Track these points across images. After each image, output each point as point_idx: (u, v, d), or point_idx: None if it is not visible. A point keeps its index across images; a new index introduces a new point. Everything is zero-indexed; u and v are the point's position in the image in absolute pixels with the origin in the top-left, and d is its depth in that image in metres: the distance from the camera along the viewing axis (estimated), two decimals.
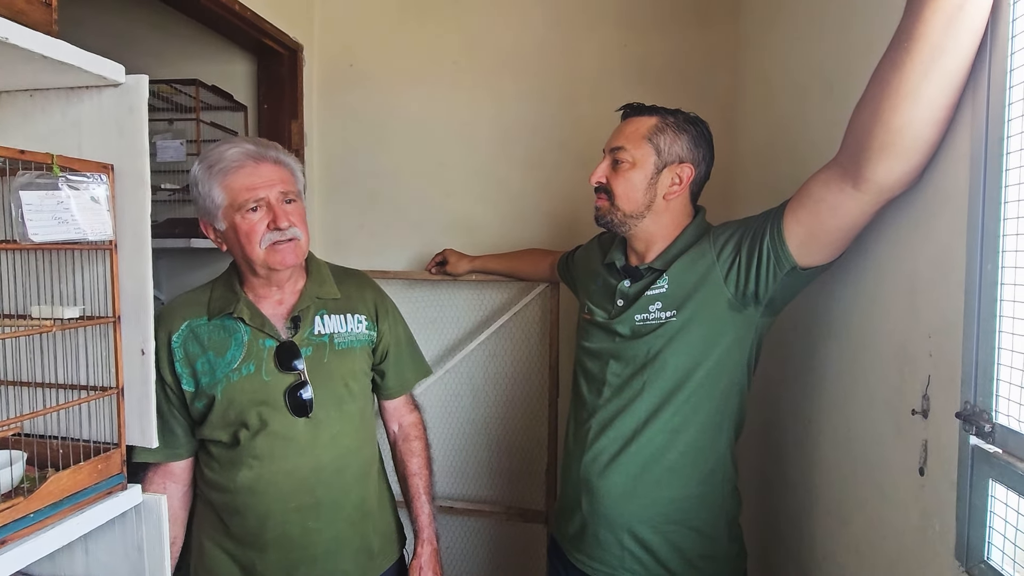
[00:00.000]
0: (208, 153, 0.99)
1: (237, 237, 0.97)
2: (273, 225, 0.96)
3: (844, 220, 0.79)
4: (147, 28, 1.82)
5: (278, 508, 0.99)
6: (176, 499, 1.04)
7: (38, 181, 0.70)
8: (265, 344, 1.01)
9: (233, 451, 0.99)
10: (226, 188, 0.96)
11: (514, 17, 1.71)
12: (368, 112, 1.81)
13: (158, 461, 1.01)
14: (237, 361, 0.99)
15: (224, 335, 1.00)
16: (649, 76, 1.64)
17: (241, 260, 1.01)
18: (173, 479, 1.04)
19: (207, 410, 0.99)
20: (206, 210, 0.99)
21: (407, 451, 1.20)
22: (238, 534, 1.01)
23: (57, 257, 0.82)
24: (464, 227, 1.77)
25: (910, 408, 0.72)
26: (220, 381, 0.98)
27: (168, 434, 1.01)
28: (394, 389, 1.17)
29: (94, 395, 0.81)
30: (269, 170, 0.98)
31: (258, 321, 1.01)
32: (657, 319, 0.97)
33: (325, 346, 1.04)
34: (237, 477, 0.98)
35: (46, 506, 0.71)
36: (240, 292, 1.03)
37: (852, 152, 0.73)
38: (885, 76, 0.66)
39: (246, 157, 0.97)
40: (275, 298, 1.05)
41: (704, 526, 0.98)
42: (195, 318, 1.02)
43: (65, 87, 0.82)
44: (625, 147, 0.99)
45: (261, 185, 0.96)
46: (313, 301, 1.06)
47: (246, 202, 0.95)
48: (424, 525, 1.16)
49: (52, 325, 0.74)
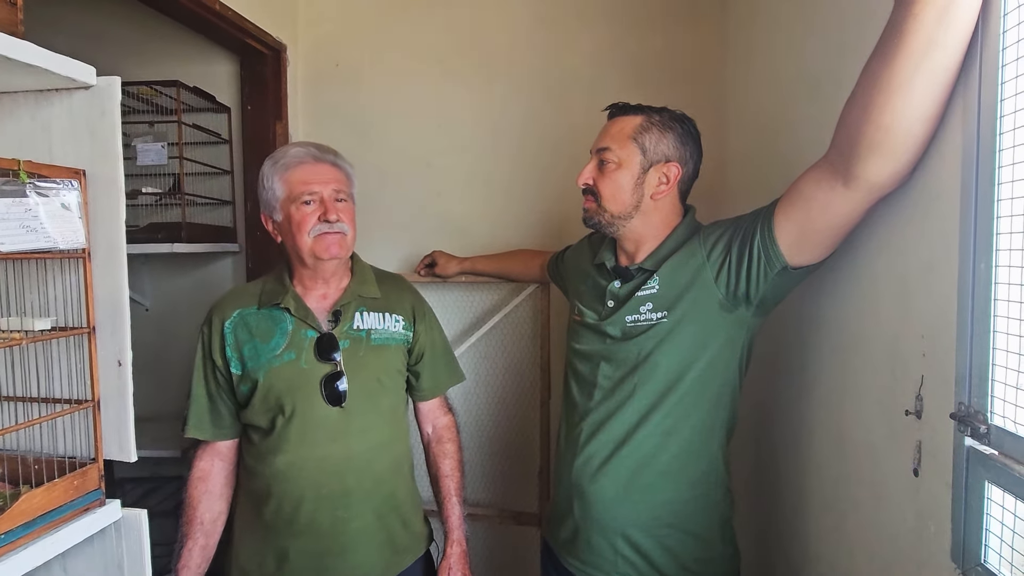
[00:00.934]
0: (276, 152, 1.09)
1: (290, 226, 1.05)
2: (323, 217, 1.03)
3: (835, 218, 0.78)
4: (126, 28, 1.78)
5: (310, 494, 1.02)
6: (222, 476, 1.11)
7: (4, 188, 0.67)
8: (307, 334, 1.06)
9: (270, 437, 1.04)
10: (286, 181, 1.05)
11: (502, 15, 1.69)
12: (355, 112, 1.78)
13: (207, 439, 1.09)
14: (280, 348, 1.05)
15: (271, 324, 1.07)
16: (639, 73, 1.62)
17: (292, 250, 1.08)
18: (220, 457, 1.11)
19: (250, 394, 1.05)
20: (267, 202, 1.07)
21: (440, 453, 1.23)
22: (272, 520, 1.04)
23: (26, 267, 0.79)
24: (454, 228, 1.75)
25: (903, 409, 0.71)
26: (263, 366, 1.04)
27: (216, 415, 1.08)
28: (428, 391, 1.21)
29: (69, 408, 0.78)
30: (326, 169, 1.07)
31: (302, 312, 1.07)
32: (648, 320, 0.96)
33: (362, 340, 1.09)
34: (273, 462, 1.03)
35: (18, 526, 0.69)
36: (289, 285, 1.09)
37: (842, 149, 0.72)
38: (875, 71, 0.65)
39: (307, 155, 1.07)
40: (320, 292, 1.11)
41: (697, 529, 0.97)
42: (246, 307, 1.09)
43: (34, 90, 0.79)
44: (611, 147, 0.98)
45: (317, 181, 1.05)
46: (355, 298, 1.11)
47: (301, 194, 1.03)
48: (454, 526, 1.19)
49: (22, 338, 0.71)
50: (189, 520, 1.07)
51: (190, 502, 1.07)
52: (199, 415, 1.07)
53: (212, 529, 1.08)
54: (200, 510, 1.07)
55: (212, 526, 1.08)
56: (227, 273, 1.83)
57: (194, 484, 1.08)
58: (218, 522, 1.09)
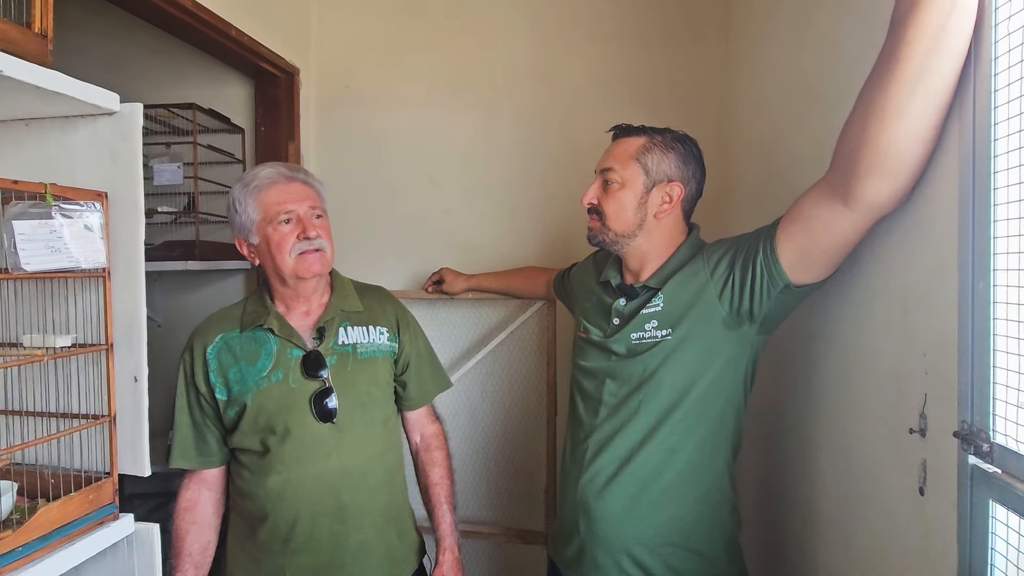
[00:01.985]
0: (245, 175, 1.09)
1: (269, 248, 1.04)
2: (302, 235, 1.04)
3: (836, 238, 0.79)
4: (145, 53, 1.84)
5: (306, 512, 1.02)
6: (210, 505, 1.09)
7: (31, 211, 0.70)
8: (292, 353, 1.06)
9: (263, 458, 1.03)
10: (260, 203, 1.04)
11: (507, 38, 1.73)
12: (364, 132, 1.83)
13: (193, 468, 1.07)
14: (267, 369, 1.04)
15: (255, 346, 1.06)
16: (641, 94, 1.66)
17: (272, 271, 1.07)
18: (207, 486, 1.09)
19: (238, 418, 1.04)
20: (241, 225, 1.06)
21: (429, 461, 1.22)
22: (267, 541, 1.03)
23: (50, 286, 0.82)
24: (460, 246, 1.78)
25: (907, 427, 0.72)
26: (251, 388, 1.03)
27: (201, 443, 1.07)
28: (415, 400, 1.21)
29: (86, 424, 0.80)
30: (299, 188, 1.07)
31: (286, 332, 1.07)
32: (653, 337, 0.97)
33: (348, 355, 1.09)
34: (267, 483, 1.02)
35: (35, 539, 0.70)
36: (271, 306, 1.09)
37: (841, 171, 0.73)
38: (871, 96, 0.66)
39: (278, 175, 1.07)
40: (302, 310, 1.10)
41: (703, 547, 0.97)
42: (228, 331, 1.08)
43: (60, 116, 0.83)
44: (614, 168, 1.00)
45: (292, 200, 1.05)
46: (337, 313, 1.11)
47: (278, 215, 1.04)
48: (446, 534, 1.18)
49: (43, 354, 0.73)
50: (178, 553, 1.05)
51: (177, 534, 1.05)
52: (184, 444, 1.05)
53: (202, 560, 1.07)
54: (188, 541, 1.05)
55: (201, 557, 1.07)
56: (237, 289, 1.86)
57: (180, 515, 1.06)
58: (207, 552, 1.08)
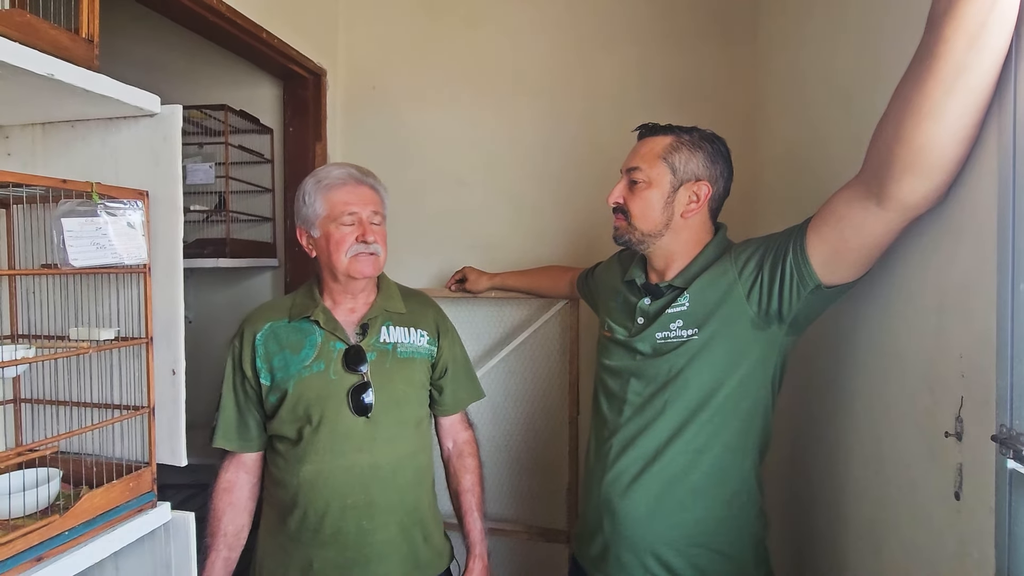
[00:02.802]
0: (317, 171, 1.13)
1: (328, 245, 1.09)
2: (361, 238, 1.08)
3: (868, 238, 0.78)
4: (181, 56, 1.90)
5: (336, 504, 1.04)
6: (247, 488, 1.13)
7: (78, 209, 0.73)
8: (335, 346, 1.09)
9: (298, 447, 1.06)
10: (328, 201, 1.09)
11: (532, 38, 1.74)
12: (390, 133, 1.85)
13: (233, 450, 1.11)
14: (309, 359, 1.07)
15: (300, 336, 1.10)
16: (668, 94, 1.65)
17: (326, 266, 1.12)
18: (245, 469, 1.13)
19: (279, 404, 1.07)
20: (306, 218, 1.11)
21: (461, 467, 1.24)
22: (297, 531, 1.06)
23: (94, 281, 0.85)
24: (484, 245, 1.79)
25: (943, 430, 0.70)
26: (293, 376, 1.06)
27: (243, 426, 1.11)
28: (450, 406, 1.23)
29: (127, 414, 0.83)
30: (366, 192, 1.12)
31: (331, 325, 1.10)
32: (678, 337, 0.97)
33: (388, 353, 1.12)
34: (300, 471, 1.05)
35: (80, 523, 0.73)
36: (319, 299, 1.13)
37: (875, 170, 0.72)
38: (907, 94, 0.65)
39: (350, 177, 1.12)
40: (348, 306, 1.14)
41: (729, 549, 0.96)
42: (277, 319, 1.12)
43: (104, 117, 0.86)
44: (640, 167, 1.00)
45: (358, 203, 1.10)
46: (381, 312, 1.15)
47: (342, 214, 1.08)
48: (476, 541, 1.20)
49: (89, 347, 0.76)
50: (213, 532, 1.08)
51: (215, 513, 1.09)
52: (227, 425, 1.10)
53: (235, 542, 1.10)
54: (224, 522, 1.09)
55: (235, 539, 1.10)
56: (266, 287, 1.90)
57: (219, 495, 1.10)
58: (241, 535, 1.11)
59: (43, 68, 0.67)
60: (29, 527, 0.67)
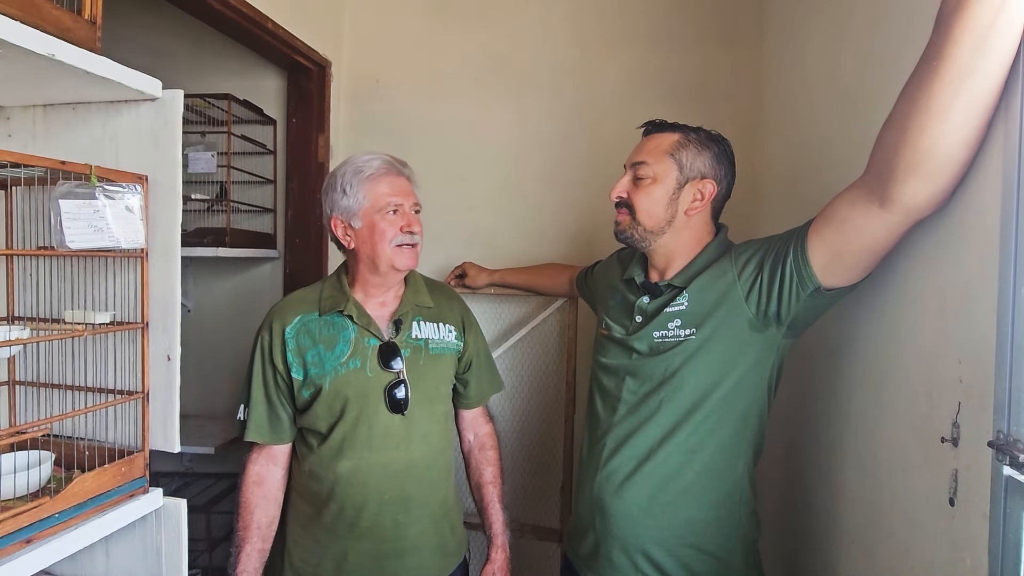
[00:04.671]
0: (354, 160, 1.11)
1: (372, 235, 1.07)
2: (407, 228, 1.08)
3: (870, 241, 0.77)
4: (184, 45, 1.89)
5: (373, 499, 1.05)
6: (277, 480, 1.12)
7: (76, 191, 0.73)
8: (370, 343, 1.08)
9: (334, 442, 1.05)
10: (371, 191, 1.07)
11: (537, 34, 1.74)
12: (392, 126, 1.85)
13: (265, 443, 1.09)
14: (345, 356, 1.06)
15: (333, 331, 1.08)
16: (671, 94, 1.64)
17: (366, 257, 1.09)
18: (275, 461, 1.12)
19: (312, 400, 1.06)
20: (347, 208, 1.08)
21: (483, 460, 1.25)
22: (332, 523, 1.06)
23: (90, 264, 0.85)
24: (484, 241, 1.79)
25: (939, 435, 0.70)
26: (329, 373, 1.05)
27: (275, 419, 1.09)
28: (473, 399, 1.24)
29: (120, 399, 0.83)
30: (405, 183, 1.12)
31: (364, 320, 1.09)
32: (676, 336, 0.96)
33: (421, 349, 1.12)
34: (337, 467, 1.04)
35: (71, 507, 0.73)
36: (348, 292, 1.11)
37: (879, 172, 0.72)
38: (913, 95, 0.65)
39: (390, 168, 1.11)
40: (379, 300, 1.13)
41: (720, 551, 0.96)
42: (307, 313, 1.10)
43: (105, 100, 0.85)
44: (647, 162, 0.99)
45: (400, 193, 1.09)
46: (412, 307, 1.14)
47: (387, 205, 1.07)
48: (498, 532, 1.22)
49: (84, 330, 0.76)
50: (246, 525, 1.07)
51: (247, 507, 1.08)
52: (259, 419, 1.07)
53: (268, 533, 1.10)
54: (257, 515, 1.08)
55: (268, 530, 1.10)
56: (265, 278, 1.90)
57: (250, 488, 1.08)
58: (273, 525, 1.11)
59: (44, 48, 0.67)
60: (19, 508, 0.67)
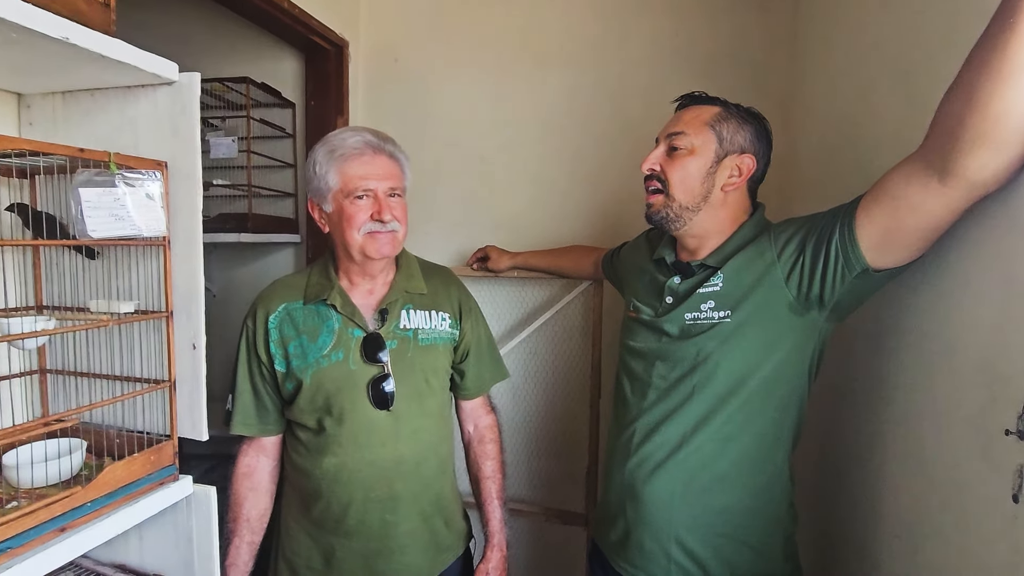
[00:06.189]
0: (330, 137, 1.04)
1: (340, 220, 1.01)
2: (376, 216, 1.00)
3: (927, 219, 0.72)
4: (201, 28, 1.88)
5: (359, 497, 1.02)
6: (267, 471, 1.10)
7: (96, 179, 0.72)
8: (354, 334, 1.03)
9: (319, 437, 1.03)
10: (341, 173, 1.00)
11: (558, 8, 1.67)
12: (412, 107, 1.81)
13: (253, 435, 1.07)
14: (327, 348, 1.02)
15: (317, 321, 1.04)
16: (701, 67, 1.57)
17: (339, 244, 1.04)
18: (264, 453, 1.09)
19: (295, 393, 1.03)
20: (318, 190, 1.03)
21: (482, 453, 1.20)
22: (320, 519, 1.04)
23: (113, 253, 0.84)
24: (507, 223, 1.75)
25: (1002, 428, 0.65)
26: (311, 366, 1.01)
27: (262, 410, 1.07)
28: (472, 389, 1.18)
29: (148, 388, 0.83)
30: (383, 163, 1.02)
31: (349, 310, 1.04)
32: (709, 319, 0.92)
33: (409, 340, 1.06)
34: (322, 463, 1.02)
35: (102, 495, 0.73)
36: (335, 279, 1.06)
37: (940, 144, 0.66)
38: (983, 57, 0.59)
39: (365, 146, 1.02)
40: (366, 287, 1.08)
41: (757, 543, 0.93)
42: (292, 301, 1.06)
43: (123, 86, 0.84)
44: (685, 132, 0.94)
45: (373, 176, 1.00)
46: (401, 295, 1.08)
47: (355, 189, 1.00)
48: (495, 530, 1.17)
49: (109, 319, 0.76)
50: (235, 517, 1.06)
51: (236, 499, 1.07)
52: (245, 411, 1.05)
53: (258, 526, 1.08)
54: (246, 507, 1.07)
55: (258, 523, 1.08)
56: (288, 262, 1.90)
57: (239, 481, 1.07)
58: (264, 518, 1.09)
59: (58, 31, 0.65)
60: (52, 498, 0.67)
